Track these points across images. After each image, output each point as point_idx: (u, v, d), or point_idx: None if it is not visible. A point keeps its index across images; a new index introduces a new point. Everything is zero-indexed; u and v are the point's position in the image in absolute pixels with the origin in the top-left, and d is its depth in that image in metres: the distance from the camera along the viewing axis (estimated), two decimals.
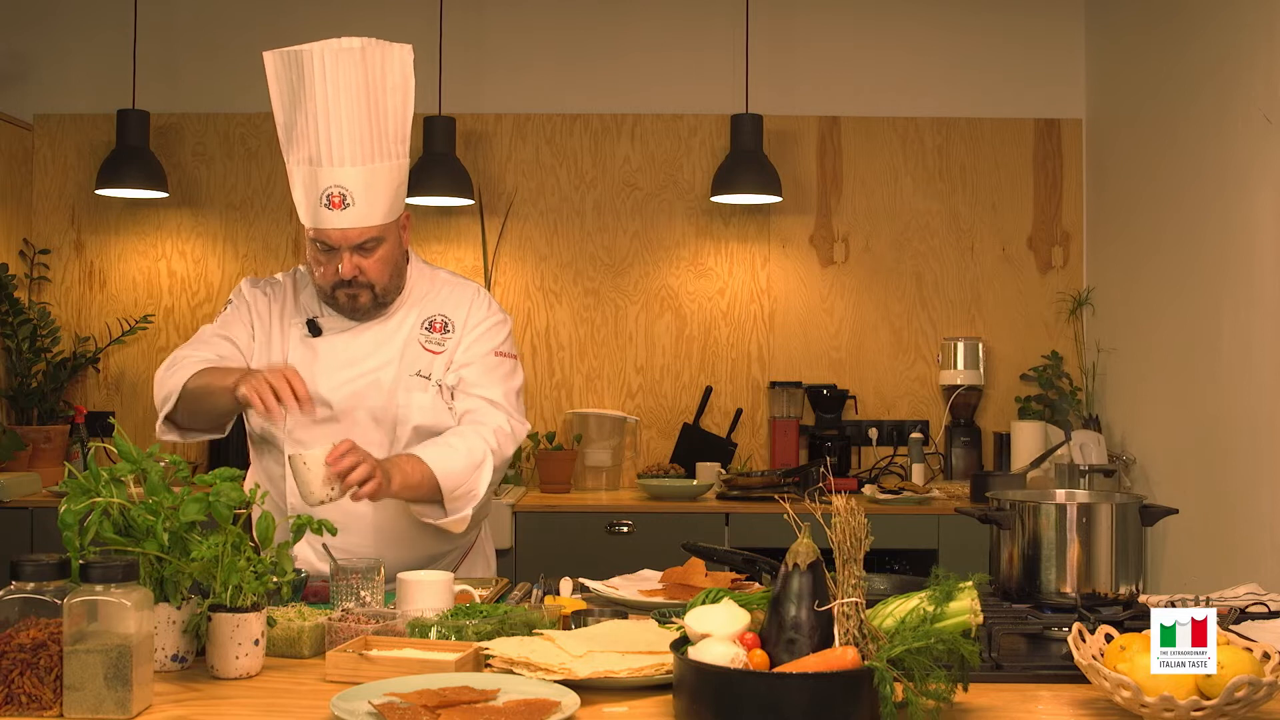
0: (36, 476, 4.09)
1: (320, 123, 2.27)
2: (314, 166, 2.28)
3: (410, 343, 2.44)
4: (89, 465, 1.76)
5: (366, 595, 2.00)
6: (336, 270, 2.33)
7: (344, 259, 2.32)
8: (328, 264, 2.34)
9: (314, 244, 2.34)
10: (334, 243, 2.31)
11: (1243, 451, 3.29)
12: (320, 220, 2.29)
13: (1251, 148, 3.24)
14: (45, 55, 4.58)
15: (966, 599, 1.53)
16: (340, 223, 2.29)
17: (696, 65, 4.61)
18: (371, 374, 2.41)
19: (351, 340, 2.43)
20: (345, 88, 2.31)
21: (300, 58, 2.33)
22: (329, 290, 2.37)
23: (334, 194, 2.28)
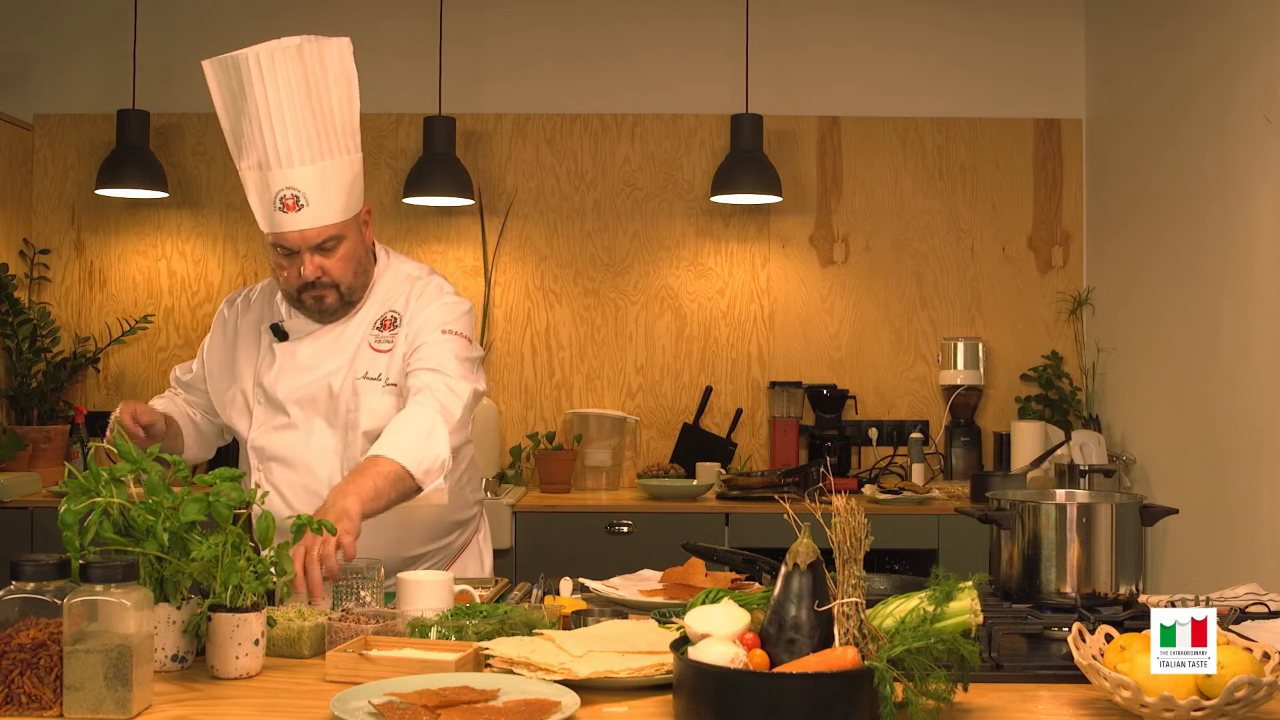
0: (36, 476, 4.09)
1: (265, 125, 2.24)
2: (264, 171, 2.25)
3: (362, 344, 2.41)
4: (89, 465, 1.76)
5: (366, 595, 2.00)
6: (299, 273, 2.30)
7: (305, 261, 2.29)
8: (290, 267, 2.31)
9: (275, 249, 2.31)
10: (293, 245, 2.28)
11: (1243, 451, 3.29)
12: (276, 224, 2.26)
13: (1251, 148, 3.24)
14: (45, 55, 4.58)
15: (966, 599, 1.53)
16: (296, 224, 2.26)
17: (696, 65, 4.61)
18: (324, 379, 2.39)
19: (312, 344, 2.42)
20: (285, 87, 2.27)
21: (238, 62, 2.28)
22: (295, 294, 2.35)
23: (286, 196, 2.24)
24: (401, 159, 4.55)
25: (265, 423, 2.42)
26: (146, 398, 4.51)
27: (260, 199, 2.27)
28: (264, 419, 2.42)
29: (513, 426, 4.55)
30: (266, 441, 2.41)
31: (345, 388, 2.38)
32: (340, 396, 2.38)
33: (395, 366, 2.39)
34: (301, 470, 2.39)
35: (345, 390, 2.38)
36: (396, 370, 2.38)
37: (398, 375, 2.38)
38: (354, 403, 2.37)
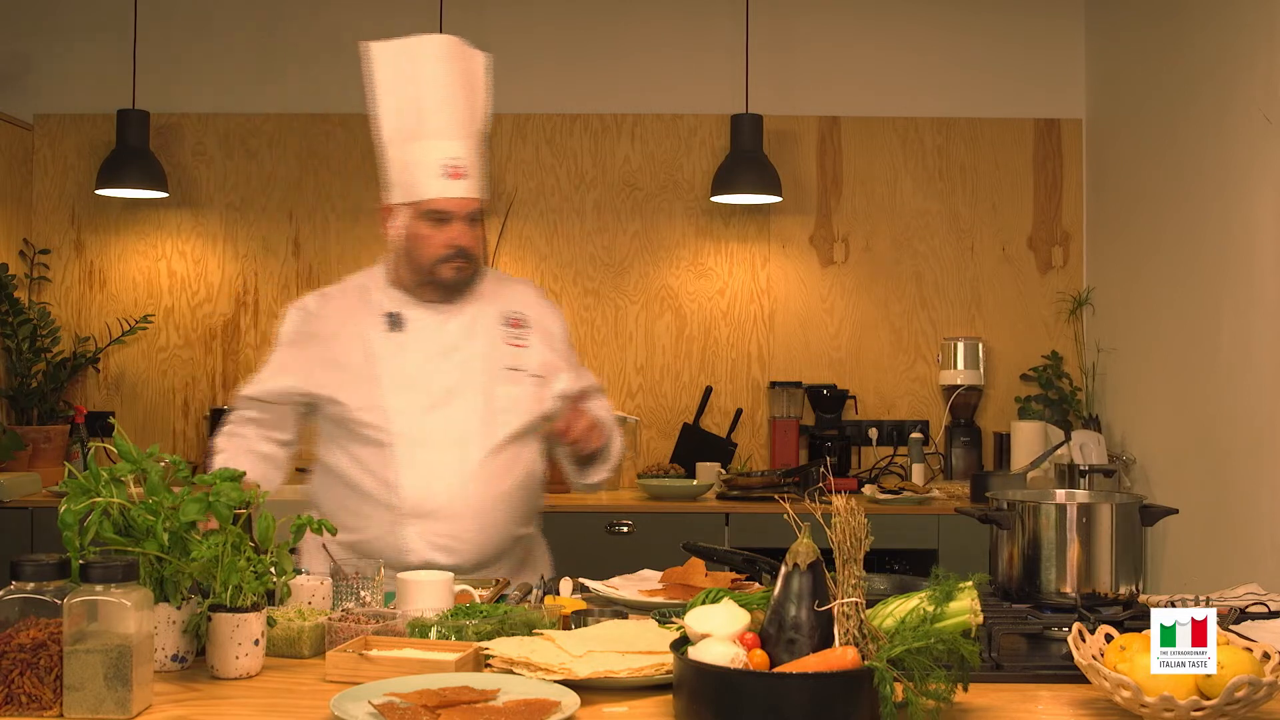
0: (36, 476, 4.09)
1: (438, 101, 2.44)
2: (432, 140, 2.41)
3: (493, 337, 2.51)
4: (89, 465, 1.76)
5: (366, 595, 2.00)
6: (446, 242, 2.42)
7: (459, 227, 2.42)
8: (436, 236, 2.42)
9: (425, 217, 2.42)
10: (451, 210, 2.41)
11: (1243, 451, 3.29)
12: (440, 190, 2.40)
13: (1251, 148, 3.24)
14: (45, 55, 4.58)
15: (966, 599, 1.53)
16: (459, 191, 2.41)
17: (696, 65, 4.61)
18: (466, 363, 2.48)
19: (440, 328, 2.49)
20: (455, 74, 2.49)
21: (410, 45, 2.53)
22: (431, 265, 2.44)
23: (450, 165, 2.41)
24: None
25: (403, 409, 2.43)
26: (146, 397, 4.56)
27: (421, 168, 2.40)
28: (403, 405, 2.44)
29: None
30: (406, 426, 2.42)
31: (491, 376, 2.48)
32: (485, 384, 2.47)
33: (534, 362, 2.53)
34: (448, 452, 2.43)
35: (490, 379, 2.48)
36: (535, 364, 2.53)
37: (538, 369, 2.53)
38: (500, 391, 2.48)
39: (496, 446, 2.44)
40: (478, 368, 2.48)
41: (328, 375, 2.48)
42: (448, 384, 2.46)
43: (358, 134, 4.59)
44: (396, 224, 2.46)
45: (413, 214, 2.43)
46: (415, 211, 2.42)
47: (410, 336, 2.48)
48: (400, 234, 2.46)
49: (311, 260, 4.58)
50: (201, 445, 4.51)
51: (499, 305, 2.55)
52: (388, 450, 2.42)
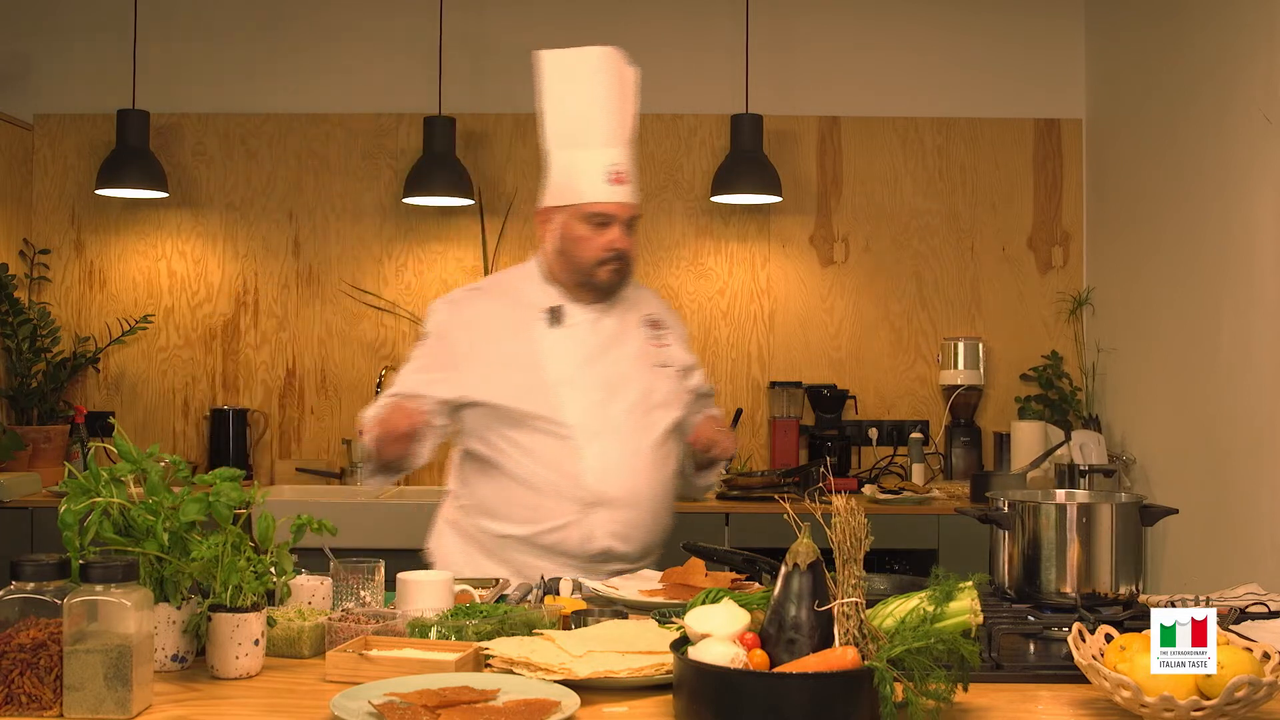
0: (36, 476, 4.09)
1: (603, 108, 2.55)
2: (598, 147, 2.52)
3: (641, 336, 2.62)
4: (89, 465, 1.76)
5: (366, 595, 2.00)
6: (606, 244, 2.50)
7: (618, 231, 2.52)
8: (596, 239, 2.51)
9: (587, 220, 2.50)
10: (613, 214, 2.51)
11: (1243, 451, 3.29)
12: (605, 194, 2.50)
13: (1251, 148, 3.24)
14: (45, 55, 4.58)
15: (966, 599, 1.53)
16: (621, 196, 2.52)
17: (696, 65, 4.61)
18: (623, 359, 2.57)
19: (596, 324, 2.58)
20: (616, 83, 2.60)
21: (577, 56, 2.59)
22: (590, 266, 2.52)
23: (615, 170, 2.52)
24: (401, 159, 4.55)
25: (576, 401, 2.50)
26: (146, 397, 4.56)
27: (586, 172, 2.51)
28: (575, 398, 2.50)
29: None
30: (582, 418, 2.49)
31: (645, 372, 2.59)
32: (641, 379, 2.57)
33: (677, 359, 2.66)
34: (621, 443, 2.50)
35: (645, 374, 2.58)
36: (679, 362, 2.66)
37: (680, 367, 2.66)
38: (655, 385, 2.58)
39: (659, 438, 2.54)
40: (633, 363, 2.58)
41: (487, 369, 2.52)
42: (610, 378, 2.54)
43: (358, 134, 4.59)
44: (554, 225, 2.55)
45: (574, 216, 2.52)
46: (576, 214, 2.51)
47: (570, 331, 2.56)
48: (558, 235, 2.54)
49: (311, 260, 4.58)
50: (201, 445, 4.51)
51: (639, 308, 2.66)
52: (568, 442, 2.48)
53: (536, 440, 2.48)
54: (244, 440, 4.45)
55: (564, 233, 2.53)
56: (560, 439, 2.48)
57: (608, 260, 2.52)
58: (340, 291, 4.57)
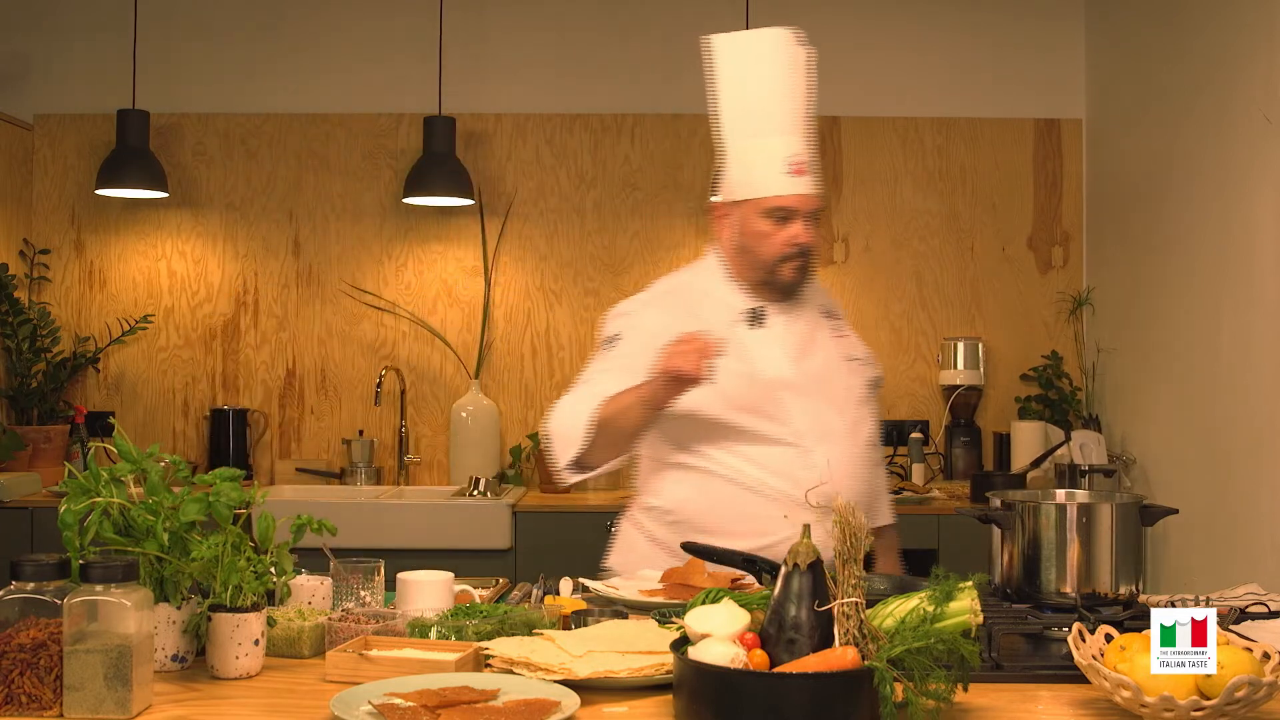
0: (36, 476, 4.10)
1: (782, 97, 2.44)
2: (777, 136, 2.41)
3: (828, 332, 2.54)
4: (89, 465, 1.76)
5: (366, 595, 2.00)
6: (788, 240, 2.39)
7: (801, 225, 2.40)
8: (778, 233, 2.40)
9: (769, 214, 2.39)
10: (796, 207, 2.39)
11: (1243, 451, 3.29)
12: (787, 187, 2.38)
13: (1251, 148, 3.24)
14: (45, 55, 4.58)
15: (966, 599, 1.53)
16: (803, 188, 2.39)
17: (696, 65, 4.58)
18: (822, 359, 2.48)
19: (791, 325, 2.48)
20: (792, 69, 2.49)
21: (751, 39, 2.52)
22: (773, 264, 2.41)
23: (796, 161, 2.40)
24: (401, 159, 4.55)
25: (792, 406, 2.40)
26: (146, 397, 4.56)
27: (766, 164, 2.39)
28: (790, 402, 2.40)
29: (513, 426, 4.55)
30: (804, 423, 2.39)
31: (842, 369, 2.51)
32: (841, 378, 2.50)
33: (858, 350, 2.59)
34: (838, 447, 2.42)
35: (842, 372, 2.50)
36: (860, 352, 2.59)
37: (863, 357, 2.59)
38: (851, 383, 2.51)
39: (870, 437, 2.50)
40: (832, 361, 2.49)
41: None
42: (818, 379, 2.45)
43: (358, 134, 4.59)
44: (732, 221, 2.45)
45: (753, 211, 2.41)
46: (756, 209, 2.40)
47: (771, 333, 2.45)
48: (737, 232, 2.44)
49: (311, 260, 4.58)
50: (201, 445, 4.51)
51: (813, 299, 2.56)
52: (797, 450, 2.38)
53: (762, 450, 2.36)
54: (244, 440, 4.45)
55: (743, 229, 2.42)
56: (789, 446, 2.37)
57: (791, 256, 2.41)
58: (340, 291, 4.57)
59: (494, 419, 4.42)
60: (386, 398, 4.50)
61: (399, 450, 4.49)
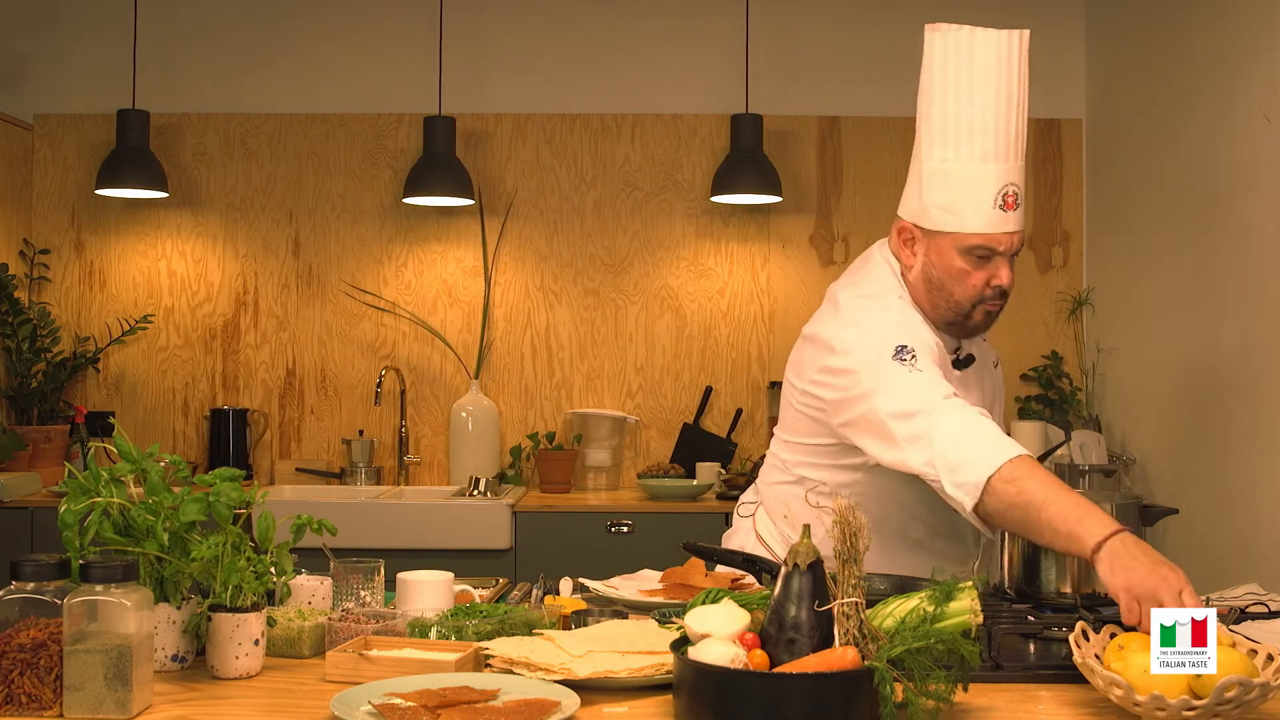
0: (36, 476, 4.09)
1: (1001, 114, 2.08)
2: (989, 163, 2.08)
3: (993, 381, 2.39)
4: (89, 465, 1.76)
5: (366, 595, 2.00)
6: (987, 280, 2.13)
7: (1002, 265, 2.11)
8: (978, 273, 2.12)
9: (970, 252, 2.11)
10: (1001, 248, 2.10)
11: (1243, 452, 3.29)
12: (994, 224, 2.08)
13: (1251, 148, 3.24)
14: (45, 55, 4.58)
15: (966, 599, 1.53)
16: (1012, 225, 2.09)
17: (696, 65, 4.61)
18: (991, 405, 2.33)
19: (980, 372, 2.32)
20: (1019, 79, 2.12)
21: (975, 40, 2.13)
22: (969, 307, 2.15)
23: (1010, 193, 2.08)
24: (401, 159, 4.55)
25: None
26: (147, 398, 4.56)
27: (976, 195, 2.08)
28: None
29: (513, 426, 4.55)
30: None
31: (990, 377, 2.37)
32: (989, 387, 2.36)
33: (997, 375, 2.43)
34: None
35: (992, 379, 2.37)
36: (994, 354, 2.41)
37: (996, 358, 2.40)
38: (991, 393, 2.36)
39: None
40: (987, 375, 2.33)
41: None
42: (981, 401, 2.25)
43: (358, 134, 4.59)
44: (923, 249, 2.16)
45: (952, 246, 2.11)
46: (956, 244, 2.11)
47: (969, 377, 2.26)
48: (928, 264, 2.16)
49: (311, 260, 4.58)
50: (201, 445, 4.51)
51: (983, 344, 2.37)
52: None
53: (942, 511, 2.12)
54: (244, 440, 4.45)
55: (937, 261, 2.14)
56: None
57: (988, 299, 2.14)
58: (340, 291, 4.57)
59: (494, 419, 4.42)
60: (386, 398, 4.50)
61: (399, 450, 4.49)
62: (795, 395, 2.30)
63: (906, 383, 2.03)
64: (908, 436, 1.98)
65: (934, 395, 2.00)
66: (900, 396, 2.01)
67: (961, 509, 1.92)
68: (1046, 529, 1.81)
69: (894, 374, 2.04)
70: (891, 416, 2.01)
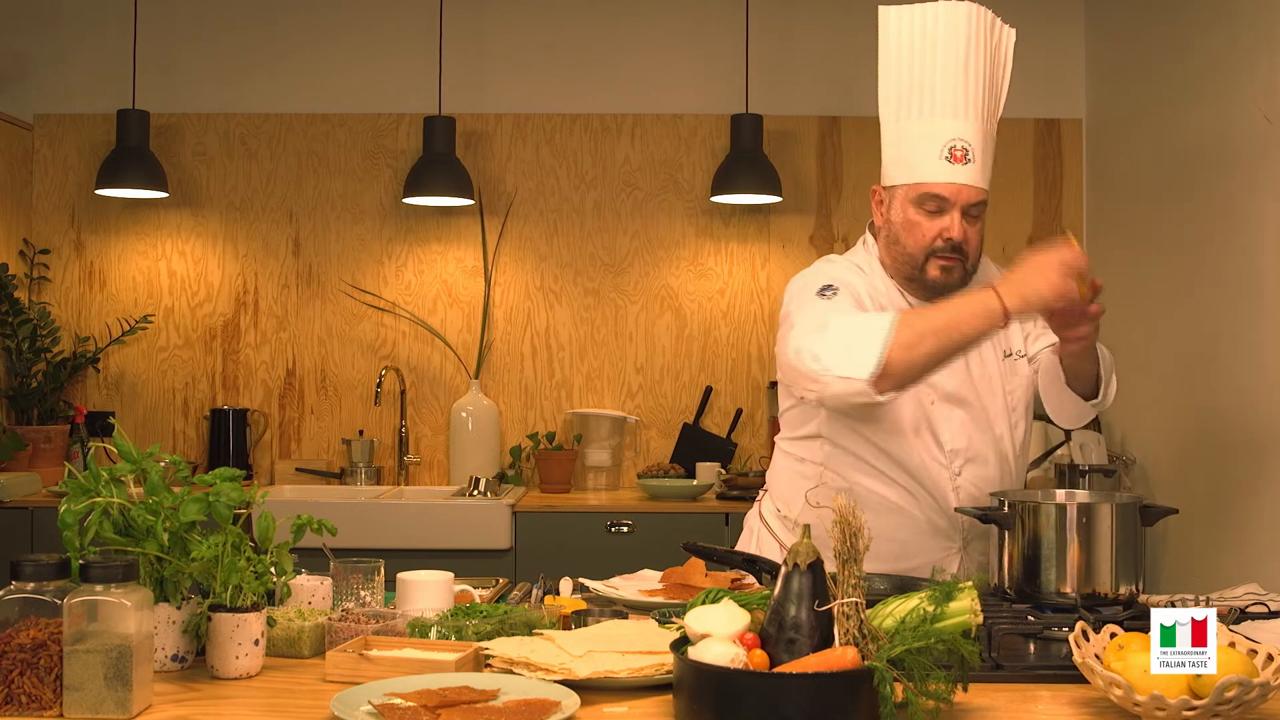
0: (36, 476, 4.10)
1: (949, 75, 2.21)
2: (936, 119, 2.21)
3: None
4: (89, 465, 1.76)
5: (366, 595, 2.00)
6: (938, 233, 2.22)
7: (954, 219, 2.21)
8: (929, 225, 2.22)
9: (919, 202, 2.22)
10: (949, 197, 2.21)
11: (1243, 452, 3.29)
12: (939, 174, 2.20)
13: (1251, 148, 3.24)
14: (45, 55, 4.58)
15: (966, 599, 1.53)
16: (960, 177, 2.20)
17: (696, 65, 4.61)
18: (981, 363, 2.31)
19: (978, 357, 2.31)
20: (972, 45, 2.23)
21: (925, 12, 2.25)
22: (921, 259, 2.24)
23: (957, 147, 2.20)
24: (401, 159, 4.55)
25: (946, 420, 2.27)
26: (146, 397, 4.57)
27: (923, 147, 2.21)
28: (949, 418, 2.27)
29: (513, 426, 4.55)
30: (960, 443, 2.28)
31: (1000, 373, 2.33)
32: (999, 383, 2.33)
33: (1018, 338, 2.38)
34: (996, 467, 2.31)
35: (1001, 376, 2.34)
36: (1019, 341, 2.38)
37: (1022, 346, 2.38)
38: (1010, 386, 2.34)
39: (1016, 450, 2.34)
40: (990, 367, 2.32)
41: None
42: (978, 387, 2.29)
43: (358, 134, 4.59)
44: (885, 208, 2.29)
45: (906, 198, 2.24)
46: (909, 195, 2.23)
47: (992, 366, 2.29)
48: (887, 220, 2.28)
49: (311, 260, 4.58)
50: (201, 445, 4.51)
51: None
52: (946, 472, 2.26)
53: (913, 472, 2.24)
54: (244, 440, 4.45)
55: (894, 217, 2.26)
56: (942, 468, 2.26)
57: (939, 252, 2.22)
58: (340, 291, 4.57)
59: (494, 419, 4.42)
60: (386, 398, 4.50)
61: (399, 450, 4.49)
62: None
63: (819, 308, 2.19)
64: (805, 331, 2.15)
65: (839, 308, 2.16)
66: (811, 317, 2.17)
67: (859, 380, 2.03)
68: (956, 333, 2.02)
69: (814, 303, 2.21)
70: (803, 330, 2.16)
